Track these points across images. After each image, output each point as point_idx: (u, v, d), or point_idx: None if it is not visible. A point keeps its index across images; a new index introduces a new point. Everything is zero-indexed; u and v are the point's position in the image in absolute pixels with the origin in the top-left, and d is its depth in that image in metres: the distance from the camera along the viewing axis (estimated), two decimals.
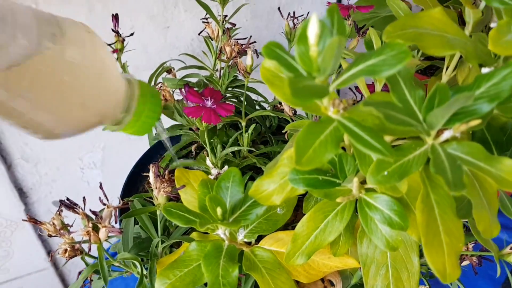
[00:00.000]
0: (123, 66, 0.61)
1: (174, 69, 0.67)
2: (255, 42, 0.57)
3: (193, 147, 0.62)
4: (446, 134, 0.30)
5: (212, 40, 0.63)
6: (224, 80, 0.61)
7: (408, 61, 0.26)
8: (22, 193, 0.85)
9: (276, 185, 0.35)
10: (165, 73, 0.67)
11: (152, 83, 0.65)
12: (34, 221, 0.42)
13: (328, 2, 0.54)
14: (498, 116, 0.36)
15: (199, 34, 0.62)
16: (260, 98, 0.67)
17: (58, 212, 0.43)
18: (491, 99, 0.27)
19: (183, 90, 0.49)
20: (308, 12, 0.63)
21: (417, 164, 0.29)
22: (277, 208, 0.41)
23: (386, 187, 0.32)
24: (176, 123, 0.61)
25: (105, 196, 0.40)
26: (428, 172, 0.32)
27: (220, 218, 0.35)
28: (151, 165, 0.46)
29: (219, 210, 0.34)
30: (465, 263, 0.47)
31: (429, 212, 0.31)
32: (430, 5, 0.44)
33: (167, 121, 0.61)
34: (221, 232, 0.37)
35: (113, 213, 0.39)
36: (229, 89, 0.62)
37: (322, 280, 0.48)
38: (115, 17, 0.61)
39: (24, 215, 0.85)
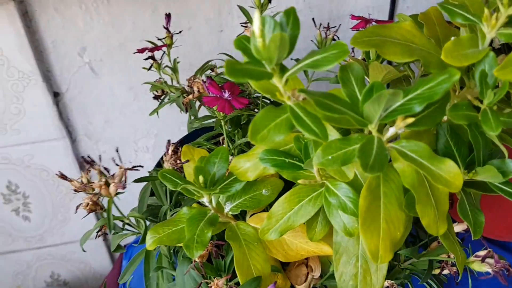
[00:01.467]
0: (174, 62, 0.69)
1: (216, 67, 0.74)
2: None
3: (221, 138, 0.69)
4: (391, 130, 0.33)
5: None
6: None
7: (345, 57, 0.30)
8: (82, 166, 0.97)
9: (251, 163, 0.40)
10: (209, 70, 0.75)
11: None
12: (64, 177, 0.51)
13: (352, 16, 0.59)
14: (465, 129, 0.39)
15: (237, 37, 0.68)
16: None
17: (86, 172, 0.52)
18: (423, 100, 0.31)
19: (205, 81, 0.56)
20: (340, 25, 0.67)
21: None
22: (263, 190, 0.46)
23: (334, 171, 0.36)
24: (208, 114, 0.68)
25: (120, 158, 0.47)
26: None
27: (202, 186, 0.41)
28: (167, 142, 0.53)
29: (201, 178, 0.40)
30: (445, 271, 0.48)
31: (373, 200, 0.35)
32: (435, 22, 0.47)
33: (201, 111, 0.68)
34: (206, 200, 0.43)
35: (124, 174, 0.47)
36: None
37: (306, 266, 0.52)
38: (168, 16, 0.69)
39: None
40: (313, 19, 0.69)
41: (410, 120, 0.31)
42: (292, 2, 0.85)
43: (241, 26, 0.68)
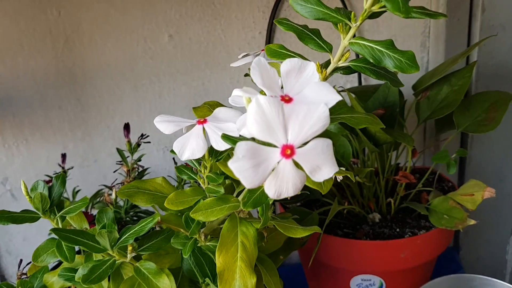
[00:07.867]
0: (73, 191, 0.86)
1: (108, 194, 0.91)
2: None
3: None
4: (129, 255, 0.49)
5: None
6: None
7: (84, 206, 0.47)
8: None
9: (55, 278, 0.55)
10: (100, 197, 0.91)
11: None
12: None
13: None
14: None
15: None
16: None
17: None
18: (135, 234, 0.46)
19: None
20: None
21: None
22: None
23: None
24: None
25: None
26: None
27: None
28: None
29: None
30: None
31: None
32: None
33: None
34: None
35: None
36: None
37: None
38: (63, 155, 0.88)
39: None
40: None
41: (131, 246, 0.47)
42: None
43: (116, 163, 0.86)
